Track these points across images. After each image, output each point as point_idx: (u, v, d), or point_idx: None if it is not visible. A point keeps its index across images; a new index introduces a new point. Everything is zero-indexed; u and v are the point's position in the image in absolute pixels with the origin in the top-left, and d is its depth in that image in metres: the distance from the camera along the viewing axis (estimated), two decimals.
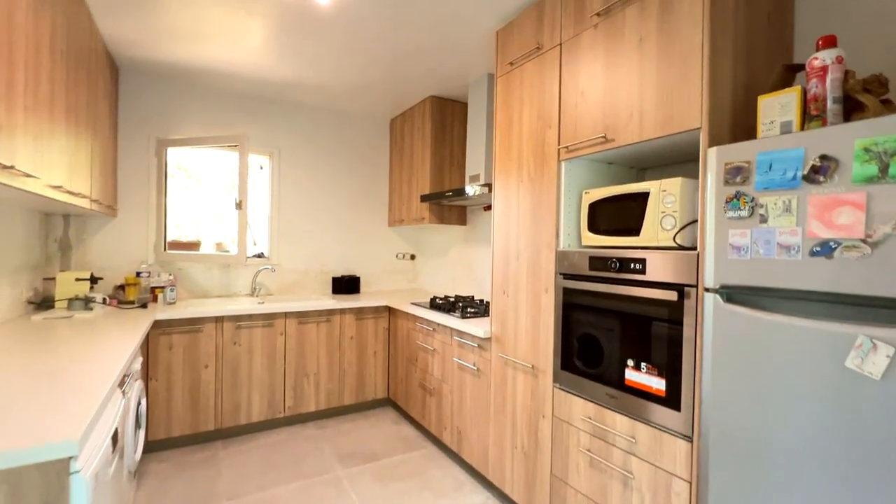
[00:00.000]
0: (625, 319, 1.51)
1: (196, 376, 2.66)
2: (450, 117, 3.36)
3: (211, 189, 3.47)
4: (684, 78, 1.34)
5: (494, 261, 2.17)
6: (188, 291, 3.16)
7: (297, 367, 2.99)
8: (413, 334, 2.96)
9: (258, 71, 2.86)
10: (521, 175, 2.00)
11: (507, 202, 2.09)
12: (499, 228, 2.15)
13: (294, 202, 3.54)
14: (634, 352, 1.47)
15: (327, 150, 3.67)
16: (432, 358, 2.72)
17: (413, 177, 3.51)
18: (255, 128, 3.37)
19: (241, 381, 2.80)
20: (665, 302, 1.37)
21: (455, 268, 3.58)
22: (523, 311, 1.97)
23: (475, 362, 2.30)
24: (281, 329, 2.93)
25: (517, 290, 2.02)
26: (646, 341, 1.43)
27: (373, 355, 3.28)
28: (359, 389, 3.23)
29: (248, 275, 3.35)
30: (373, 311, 3.27)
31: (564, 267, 1.76)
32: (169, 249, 3.13)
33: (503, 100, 2.13)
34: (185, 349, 2.63)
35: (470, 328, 2.27)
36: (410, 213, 3.53)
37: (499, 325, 2.13)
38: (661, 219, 1.45)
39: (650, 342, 1.42)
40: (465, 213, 3.45)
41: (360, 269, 3.83)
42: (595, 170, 1.88)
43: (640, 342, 1.45)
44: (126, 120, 2.94)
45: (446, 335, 2.56)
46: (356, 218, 3.82)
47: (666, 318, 1.37)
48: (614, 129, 1.56)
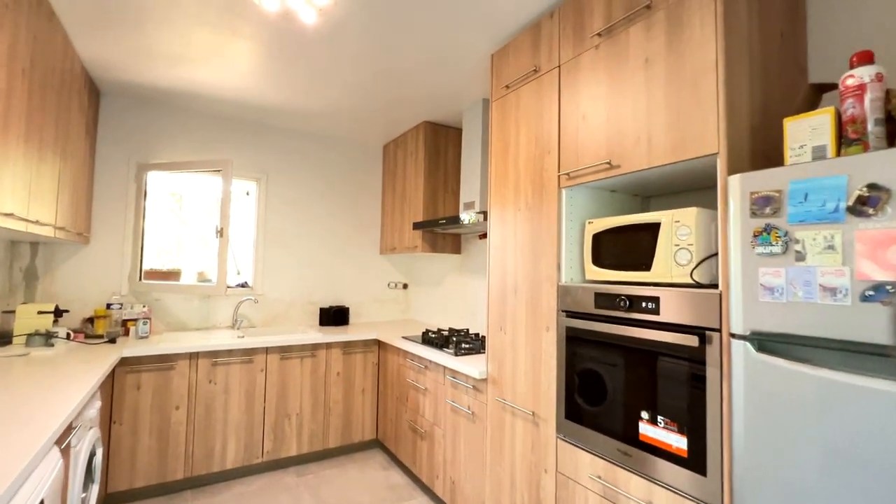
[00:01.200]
0: (637, 365, 1.34)
1: (165, 419, 2.44)
2: (444, 143, 3.27)
3: (195, 215, 3.32)
4: (697, 100, 1.22)
5: (490, 295, 2.02)
6: (164, 324, 2.97)
7: (278, 407, 2.77)
8: (404, 371, 2.76)
9: (245, 95, 2.76)
10: (519, 203, 1.87)
11: (504, 232, 1.95)
12: (495, 260, 2.00)
13: (281, 229, 3.39)
14: (649, 403, 1.30)
15: (317, 175, 3.56)
16: (424, 398, 2.52)
17: (406, 204, 3.39)
18: (241, 153, 3.25)
19: (216, 423, 2.57)
20: (683, 347, 1.21)
21: (449, 298, 3.41)
22: (522, 351, 1.80)
23: (470, 405, 2.11)
24: (261, 365, 2.72)
25: (515, 328, 1.85)
26: (662, 391, 1.26)
27: (361, 393, 3.06)
28: (345, 431, 3.00)
29: (229, 306, 3.16)
30: (362, 345, 3.07)
31: (567, 304, 1.60)
32: (146, 279, 2.95)
33: (499, 124, 2.02)
34: (155, 389, 2.42)
35: (464, 367, 2.09)
36: (403, 241, 3.39)
37: (495, 365, 1.95)
38: (674, 252, 1.31)
39: (667, 393, 1.25)
40: (460, 242, 3.31)
41: (349, 298, 3.66)
42: (597, 198, 1.75)
43: (656, 392, 1.28)
44: (105, 144, 2.81)
45: (439, 373, 2.37)
46: (346, 245, 3.67)
47: (685, 365, 1.21)
48: (620, 154, 1.44)
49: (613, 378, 1.41)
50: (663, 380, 1.26)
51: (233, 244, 3.38)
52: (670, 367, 1.24)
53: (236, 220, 3.37)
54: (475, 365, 2.08)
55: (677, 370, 1.22)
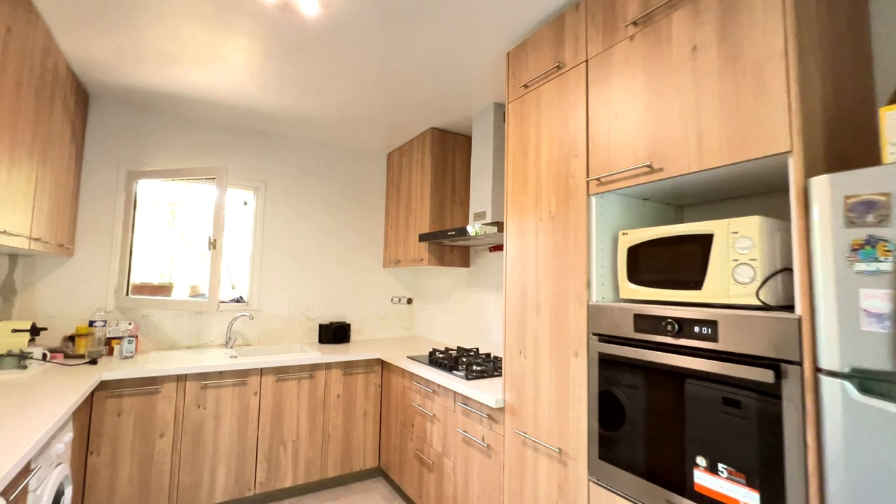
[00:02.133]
0: (691, 401, 1.14)
1: (149, 448, 2.22)
2: (451, 151, 3.10)
3: (188, 226, 3.15)
4: (760, 92, 1.05)
5: (507, 313, 1.82)
6: (153, 342, 2.77)
7: (273, 433, 2.55)
8: (409, 394, 2.55)
9: (241, 99, 2.61)
10: (540, 212, 1.69)
11: (523, 244, 1.76)
12: (513, 275, 1.81)
13: (279, 241, 3.21)
14: (707, 447, 1.09)
15: (317, 185, 3.39)
16: (431, 425, 2.31)
17: (411, 214, 3.21)
18: (238, 160, 3.09)
19: (205, 451, 2.36)
20: (751, 383, 1.01)
21: (456, 314, 3.21)
22: (546, 379, 1.60)
23: (484, 437, 1.90)
24: (255, 388, 2.51)
25: (537, 352, 1.65)
26: (724, 434, 1.06)
27: (362, 417, 2.85)
28: (345, 458, 2.77)
29: (222, 322, 2.97)
30: (363, 365, 2.87)
31: (600, 326, 1.41)
32: (133, 293, 2.76)
33: (516, 127, 1.85)
34: (138, 415, 2.21)
35: (478, 394, 1.88)
36: (408, 254, 3.21)
37: (514, 392, 1.75)
38: (732, 268, 1.12)
39: (731, 437, 1.05)
40: (468, 255, 3.12)
41: (350, 314, 3.46)
42: (629, 207, 1.57)
43: (716, 435, 1.08)
44: (94, 150, 2.65)
45: (448, 399, 2.17)
46: (347, 258, 3.49)
47: (754, 405, 1.01)
48: (663, 156, 1.26)
49: (659, 414, 1.21)
50: (725, 421, 1.06)
51: (228, 257, 3.20)
52: (734, 407, 1.04)
53: (233, 231, 3.19)
54: (490, 391, 1.88)
55: (744, 410, 1.02)
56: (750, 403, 1.01)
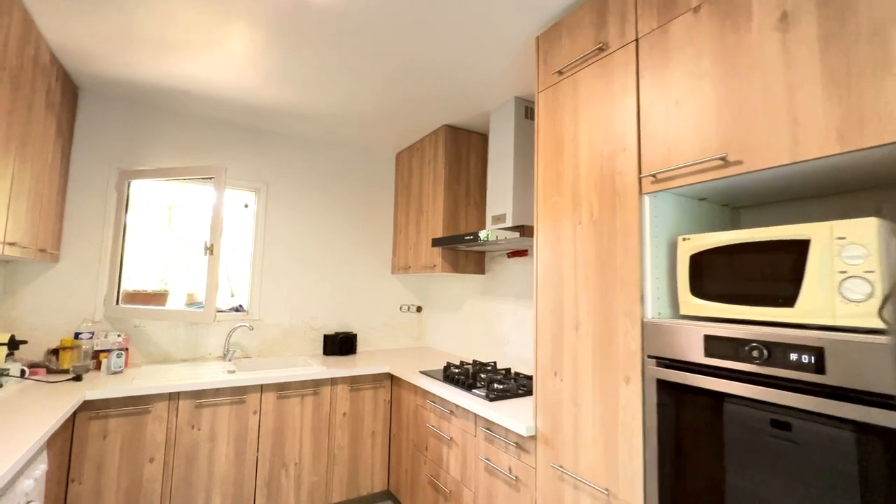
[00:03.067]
0: (791, 446, 0.93)
1: (137, 474, 2.01)
2: (465, 150, 2.91)
3: (186, 230, 2.95)
4: (885, 62, 0.84)
5: (540, 329, 1.61)
6: (145, 355, 2.56)
7: (274, 456, 2.34)
8: (423, 414, 2.34)
9: (242, 93, 2.42)
10: (579, 215, 1.48)
11: (559, 251, 1.56)
12: (545, 286, 1.60)
13: (281, 245, 3.01)
14: None
15: (322, 186, 3.19)
16: (448, 449, 2.09)
17: (422, 218, 3.01)
18: (238, 160, 2.90)
19: (199, 477, 2.15)
20: (883, 431, 0.80)
21: (470, 325, 3.00)
22: (589, 406, 1.39)
23: (512, 468, 1.68)
24: (255, 406, 2.31)
25: (577, 375, 1.44)
26: (846, 493, 0.85)
27: (370, 436, 2.63)
28: (351, 482, 2.56)
29: (220, 333, 2.76)
30: (371, 380, 2.66)
31: (658, 348, 1.20)
32: (125, 302, 2.56)
33: (548, 119, 1.65)
34: (125, 438, 2.00)
35: (504, 419, 1.67)
36: (419, 260, 3.00)
37: (548, 419, 1.54)
38: (839, 282, 0.91)
39: (856, 496, 0.83)
40: (484, 261, 2.92)
41: (357, 323, 3.25)
42: (683, 208, 1.36)
43: (835, 493, 0.86)
44: (83, 147, 2.46)
45: (468, 422, 1.95)
46: (354, 264, 3.28)
47: (883, 457, 0.80)
48: (741, 147, 1.06)
49: (740, 459, 1.00)
50: (848, 476, 0.84)
51: (227, 263, 3.00)
52: (853, 458, 0.83)
53: (233, 235, 3.00)
54: (517, 416, 1.67)
55: (871, 465, 0.81)
56: (880, 456, 0.80)
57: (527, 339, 2.49)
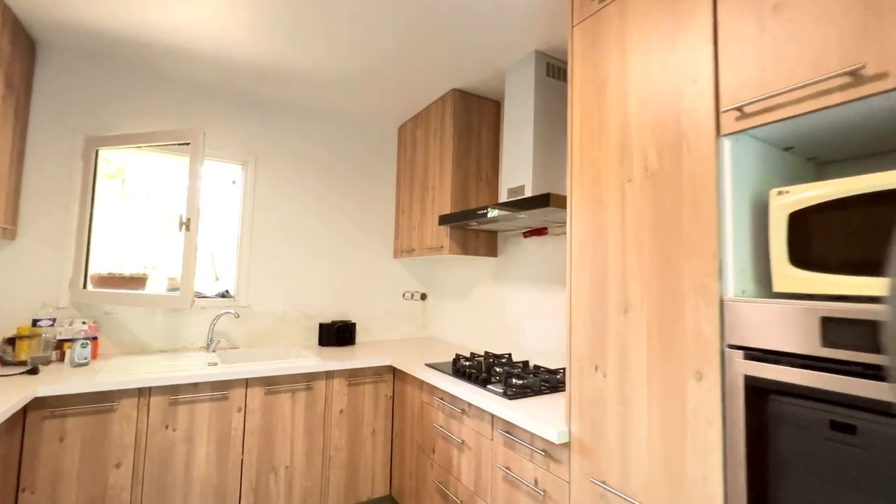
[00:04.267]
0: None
1: (100, 482, 1.75)
2: (477, 120, 2.60)
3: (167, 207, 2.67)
4: None
5: (573, 315, 1.33)
6: (118, 345, 2.29)
7: (262, 458, 2.07)
8: (430, 412, 2.07)
9: (226, 47, 2.11)
10: (629, 170, 1.19)
11: (600, 218, 1.26)
12: (582, 262, 1.31)
13: (271, 225, 2.73)
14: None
15: (316, 161, 2.90)
16: (459, 454, 1.82)
17: (427, 196, 2.72)
18: (224, 129, 2.60)
19: (174, 483, 1.88)
20: None
21: (480, 313, 2.72)
22: (642, 408, 1.11)
23: (538, 479, 1.41)
24: (239, 402, 2.03)
25: (625, 369, 1.16)
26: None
27: (370, 435, 2.37)
28: (350, 486, 2.29)
29: (204, 321, 2.49)
30: (372, 374, 2.38)
31: (745, 334, 0.91)
32: (97, 286, 2.29)
33: (586, 56, 1.35)
34: (87, 440, 1.73)
35: (528, 422, 1.39)
36: (423, 241, 2.71)
37: (585, 423, 1.26)
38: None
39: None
40: (496, 242, 2.63)
41: (355, 311, 2.97)
42: (764, 159, 1.07)
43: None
44: (44, 111, 2.16)
45: (483, 423, 1.68)
46: (352, 247, 3.00)
47: None
48: (882, 56, 0.76)
49: (880, 491, 0.72)
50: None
51: (212, 244, 2.72)
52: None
53: (219, 214, 2.71)
54: (544, 418, 1.39)
55: None
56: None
57: (546, 328, 2.20)
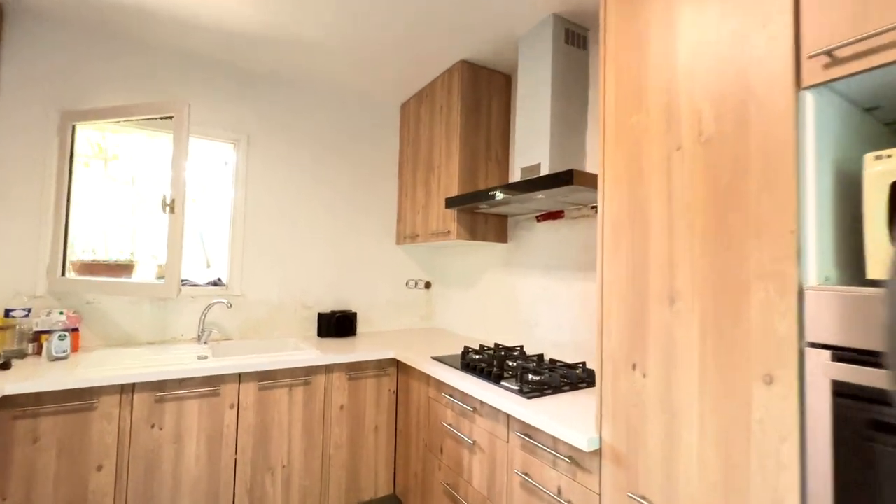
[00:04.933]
0: None
1: (80, 486, 1.61)
2: (486, 94, 2.41)
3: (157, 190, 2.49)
4: None
5: (605, 306, 1.16)
6: (102, 337, 2.14)
7: (257, 458, 1.93)
8: (437, 409, 1.92)
9: (215, 12, 1.92)
10: (677, 136, 1.01)
11: (640, 193, 1.09)
12: (616, 244, 1.14)
13: (266, 209, 2.55)
14: None
15: (313, 141, 2.71)
16: (470, 455, 1.68)
17: (433, 177, 2.54)
18: (213, 105, 2.41)
19: (162, 486, 1.74)
20: None
21: (489, 303, 2.56)
22: (692, 415, 0.95)
23: (562, 489, 1.26)
24: (232, 399, 1.89)
25: (670, 368, 1.00)
26: None
27: (373, 432, 2.23)
28: (351, 486, 2.16)
29: (195, 310, 2.33)
30: (374, 367, 2.23)
31: (831, 331, 0.75)
32: (82, 273, 2.12)
33: (623, 8, 1.17)
34: (64, 441, 1.59)
35: (553, 426, 1.24)
36: (428, 226, 2.54)
37: (620, 429, 1.10)
38: None
39: None
40: (506, 227, 2.45)
41: (356, 301, 2.81)
42: (844, 121, 0.89)
43: None
44: (13, 84, 1.98)
45: (498, 423, 1.53)
46: (352, 233, 2.83)
47: None
48: None
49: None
50: None
51: (202, 228, 2.55)
52: None
53: (211, 197, 2.54)
54: (567, 419, 1.23)
55: None
56: None
57: (561, 319, 2.05)
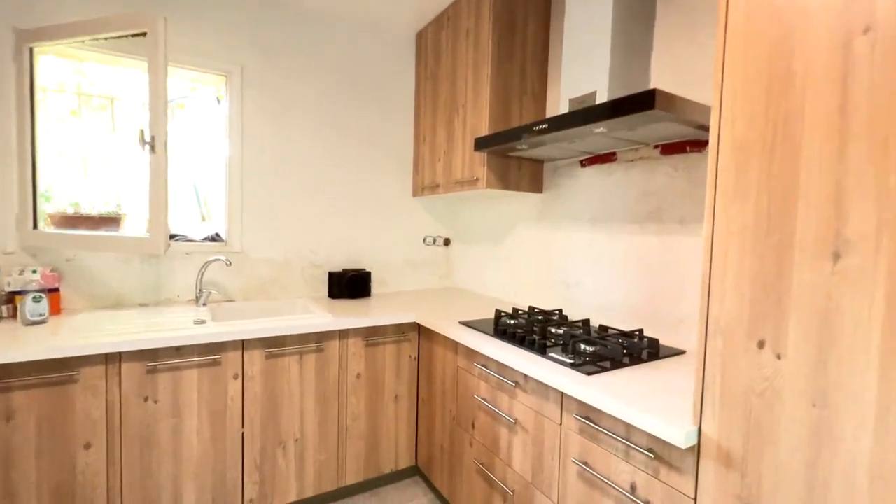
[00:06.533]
0: None
1: (67, 466, 1.41)
2: (521, 13, 2.02)
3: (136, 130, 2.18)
4: None
5: (715, 263, 0.88)
6: (88, 298, 1.90)
7: (266, 432, 1.74)
8: (467, 380, 1.69)
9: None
10: (865, 10, 0.68)
11: (783, 107, 0.78)
12: (739, 181, 0.84)
13: (267, 155, 2.23)
14: None
15: (317, 77, 2.35)
16: (510, 434, 1.46)
17: (457, 116, 2.19)
18: (199, 32, 2.04)
19: (160, 464, 1.55)
20: None
21: (519, 261, 2.29)
22: (864, 414, 0.68)
23: (637, 486, 1.02)
24: (235, 368, 1.66)
25: (826, 346, 0.72)
26: None
27: (393, 401, 2.02)
28: (370, 459, 1.98)
29: (192, 268, 2.08)
30: (393, 332, 2.00)
31: None
32: (58, 227, 1.86)
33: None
34: (43, 418, 1.38)
35: (628, 412, 0.99)
36: (451, 174, 2.22)
37: (733, 422, 0.84)
38: None
39: None
40: (541, 174, 2.13)
41: (369, 259, 2.55)
42: None
43: None
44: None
45: (547, 401, 1.29)
46: (363, 183, 2.52)
47: None
48: None
49: None
50: None
51: (197, 177, 2.25)
52: None
53: (206, 143, 2.22)
54: (645, 403, 0.98)
55: None
56: None
57: (609, 279, 1.77)
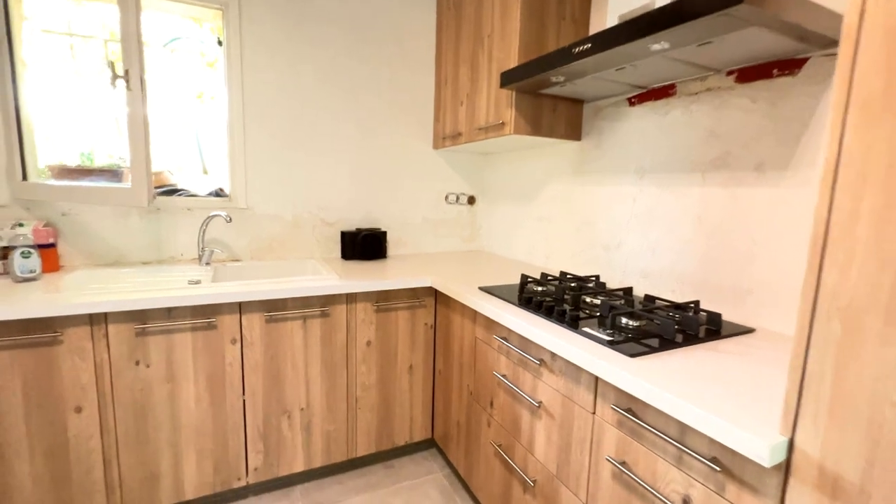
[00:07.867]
0: None
1: (58, 428, 1.34)
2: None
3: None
4: None
5: (834, 220, 0.60)
6: (87, 255, 1.80)
7: (269, 400, 1.62)
8: (486, 353, 1.49)
9: None
10: None
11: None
12: (873, 116, 0.55)
13: (270, 102, 2.02)
14: None
15: (326, 16, 2.07)
16: (533, 418, 1.26)
17: (481, 49, 1.88)
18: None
19: (158, 430, 1.47)
20: None
21: (551, 221, 2.02)
22: None
23: (694, 500, 0.80)
24: (233, 332, 1.53)
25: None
26: None
27: (407, 372, 1.86)
28: (383, 430, 1.85)
29: (193, 226, 1.94)
30: (407, 297, 1.81)
31: None
32: (56, 179, 1.75)
33: None
34: (29, 380, 1.29)
35: (688, 411, 0.75)
36: (475, 119, 1.94)
37: (849, 438, 0.59)
38: None
39: None
40: (580, 118, 1.82)
41: (386, 217, 2.34)
42: None
43: None
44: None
45: (578, 384, 1.07)
46: (379, 133, 2.27)
47: None
48: None
49: None
50: None
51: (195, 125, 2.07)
52: None
53: (203, 87, 2.03)
54: (707, 396, 0.74)
55: None
56: None
57: (658, 240, 1.49)
